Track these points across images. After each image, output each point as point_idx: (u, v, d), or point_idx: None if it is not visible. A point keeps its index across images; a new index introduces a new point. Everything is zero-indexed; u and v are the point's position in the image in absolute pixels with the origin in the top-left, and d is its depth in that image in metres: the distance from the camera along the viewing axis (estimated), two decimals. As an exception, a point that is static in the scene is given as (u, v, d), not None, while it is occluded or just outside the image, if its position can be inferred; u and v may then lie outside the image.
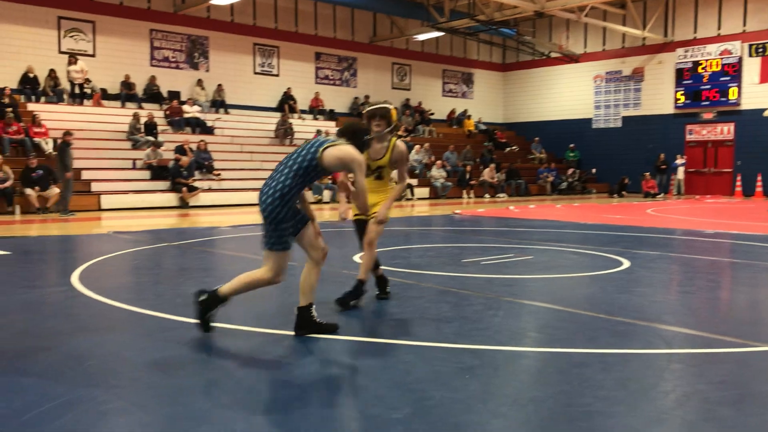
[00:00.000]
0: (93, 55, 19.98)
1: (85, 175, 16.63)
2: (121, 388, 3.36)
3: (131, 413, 3.03)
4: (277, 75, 24.04)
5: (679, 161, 25.14)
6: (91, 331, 4.49)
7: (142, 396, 3.27)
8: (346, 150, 4.10)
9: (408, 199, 21.19)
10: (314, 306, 4.31)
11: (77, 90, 19.13)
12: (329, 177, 19.78)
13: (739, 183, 24.27)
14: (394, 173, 5.35)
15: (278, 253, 4.14)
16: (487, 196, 23.43)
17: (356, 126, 4.37)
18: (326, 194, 19.71)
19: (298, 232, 4.22)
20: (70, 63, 18.79)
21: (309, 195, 19.36)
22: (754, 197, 23.34)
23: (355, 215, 5.35)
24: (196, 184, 17.51)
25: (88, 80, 19.31)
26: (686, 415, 3.04)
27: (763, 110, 23.48)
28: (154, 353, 3.96)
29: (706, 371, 3.65)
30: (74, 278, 6.32)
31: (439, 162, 23.27)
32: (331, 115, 24.94)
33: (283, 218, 4.06)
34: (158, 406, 3.12)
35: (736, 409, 3.06)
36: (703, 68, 24.97)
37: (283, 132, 22.01)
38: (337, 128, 4.78)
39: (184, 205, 16.84)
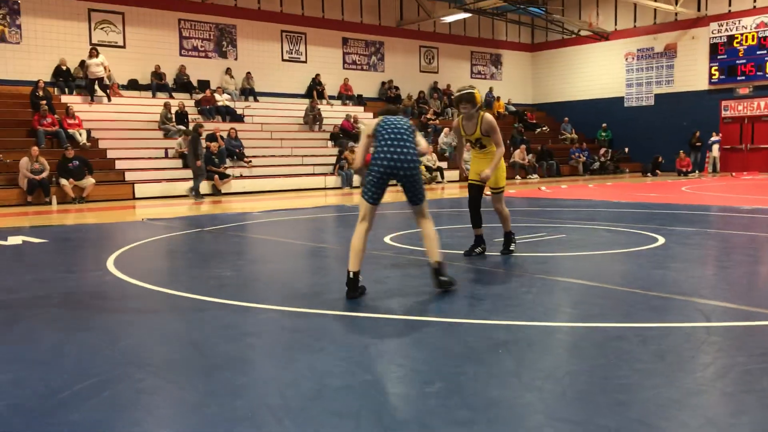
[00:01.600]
0: (123, 47, 20.19)
1: (119, 164, 16.88)
2: (156, 366, 3.40)
3: (167, 390, 3.07)
4: (305, 61, 24.05)
5: (714, 138, 24.60)
6: (126, 313, 4.56)
7: (178, 374, 3.31)
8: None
9: (438, 182, 21.10)
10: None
11: (97, 85, 18.62)
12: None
13: (778, 159, 23.67)
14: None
15: (426, 201, 5.02)
16: (518, 177, 23.22)
17: (397, 107, 5.28)
18: (356, 179, 19.72)
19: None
20: (91, 56, 18.36)
21: (338, 182, 19.39)
22: (793, 173, 22.77)
23: (469, 180, 6.63)
24: (228, 171, 17.64)
25: (109, 76, 19.02)
26: (726, 387, 2.97)
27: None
28: (189, 333, 4.01)
29: (746, 343, 3.57)
30: (110, 263, 6.42)
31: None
32: (359, 100, 24.90)
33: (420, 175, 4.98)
34: (193, 383, 3.15)
35: (779, 381, 2.98)
36: (738, 42, 24.34)
37: (312, 118, 22.04)
38: (373, 115, 5.65)
39: (216, 192, 16.99)
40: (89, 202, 14.98)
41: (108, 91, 18.96)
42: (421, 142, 5.04)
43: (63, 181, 14.79)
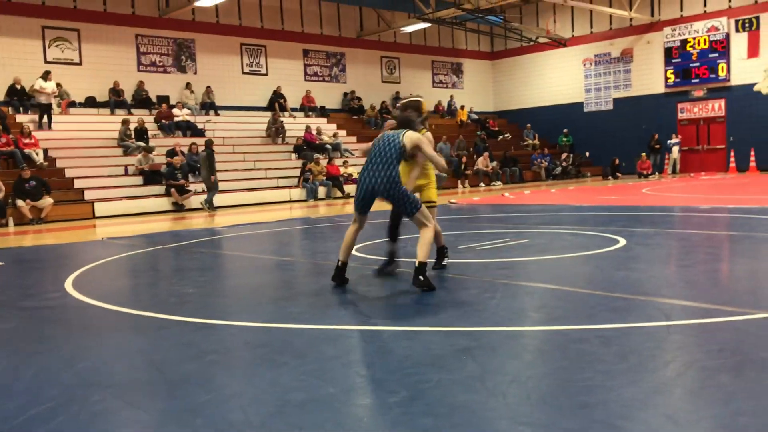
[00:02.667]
0: (80, 64, 19.88)
1: (78, 183, 16.58)
2: (116, 387, 3.32)
3: (126, 411, 2.99)
4: (265, 74, 23.96)
5: (673, 140, 25.13)
6: (84, 334, 4.45)
7: (137, 394, 3.23)
8: (415, 135, 5.36)
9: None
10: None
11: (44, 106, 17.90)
12: (324, 174, 19.75)
13: (733, 159, 24.26)
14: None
15: (420, 211, 5.23)
16: (482, 184, 23.39)
17: (407, 118, 5.53)
18: (321, 191, 19.66)
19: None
20: (45, 78, 17.74)
21: (303, 194, 19.32)
22: (748, 172, 23.34)
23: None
24: (190, 187, 17.44)
25: (60, 94, 18.47)
26: (686, 383, 3.01)
27: (753, 85, 23.51)
28: (150, 352, 3.92)
29: (705, 341, 3.62)
30: (68, 284, 6.27)
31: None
32: (322, 112, 24.88)
33: (404, 190, 5.22)
34: (153, 403, 3.08)
35: (736, 376, 3.03)
36: (691, 46, 24.93)
37: (275, 131, 21.95)
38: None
39: (178, 208, 16.78)
40: (48, 222, 14.67)
41: (58, 109, 18.43)
42: (427, 151, 5.28)
43: (20, 202, 14.46)
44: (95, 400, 3.10)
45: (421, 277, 5.06)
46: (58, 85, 18.53)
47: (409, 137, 5.31)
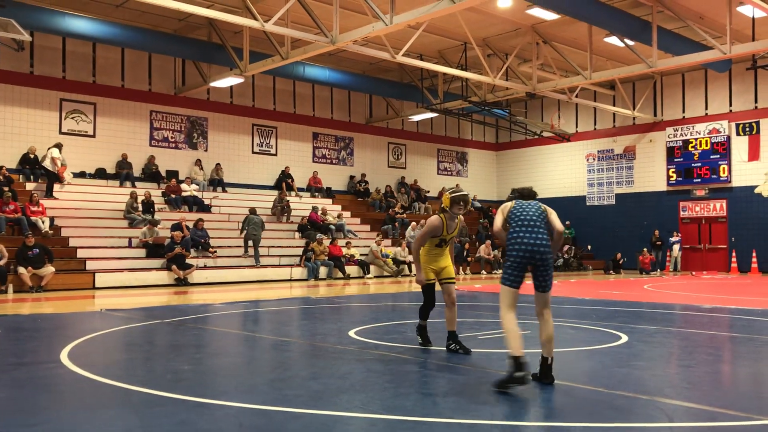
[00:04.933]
0: (93, 136, 20.31)
1: (81, 253, 16.60)
2: (105, 465, 3.24)
3: (114, 491, 2.91)
4: (275, 154, 24.40)
5: (674, 238, 25.25)
6: (77, 408, 4.37)
7: (127, 474, 3.15)
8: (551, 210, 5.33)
9: (405, 275, 21.12)
10: None
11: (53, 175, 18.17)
12: (326, 254, 19.77)
13: (734, 259, 24.29)
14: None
15: (550, 291, 5.29)
16: (483, 272, 23.36)
17: (526, 190, 5.44)
18: (322, 271, 19.65)
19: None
20: (59, 148, 18.16)
21: (304, 273, 19.29)
22: (750, 273, 23.31)
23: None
24: (192, 261, 17.46)
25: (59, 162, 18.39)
26: (690, 490, 2.93)
27: (754, 187, 23.83)
28: (143, 430, 3.85)
29: (709, 445, 3.55)
30: (63, 355, 6.21)
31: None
32: (328, 193, 25.17)
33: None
34: (143, 484, 3.00)
35: (742, 484, 2.95)
36: (693, 146, 25.42)
37: (280, 209, 22.15)
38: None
39: (180, 283, 16.73)
40: (48, 291, 14.61)
41: (58, 179, 18.53)
42: (556, 223, 5.24)
43: (21, 270, 14.45)
44: (84, 478, 3.02)
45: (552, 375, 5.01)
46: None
47: (549, 210, 5.28)
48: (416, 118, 26.85)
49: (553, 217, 5.24)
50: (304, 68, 21.90)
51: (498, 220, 5.34)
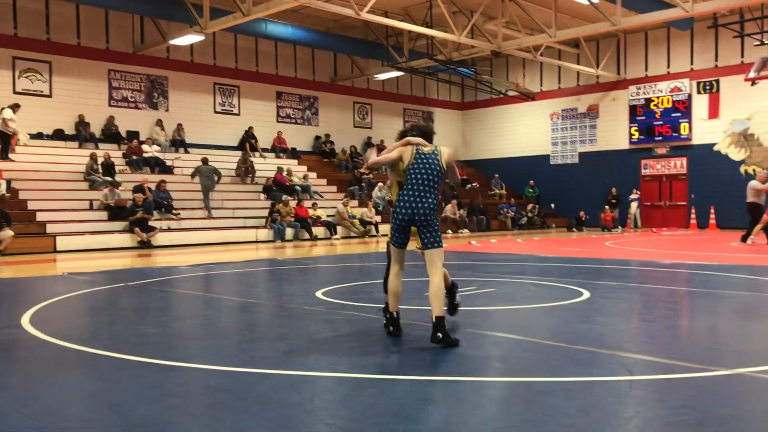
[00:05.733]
0: (49, 96, 19.73)
1: (40, 216, 16.27)
2: (70, 430, 3.22)
3: (80, 456, 2.90)
4: (238, 114, 24.03)
5: (633, 195, 25.71)
6: (40, 373, 4.32)
7: (93, 438, 3.14)
8: (445, 149, 5.07)
9: (372, 236, 21.18)
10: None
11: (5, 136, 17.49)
12: (292, 216, 19.68)
13: (693, 216, 24.85)
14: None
15: (440, 249, 4.95)
16: (449, 231, 23.54)
17: (428, 128, 5.25)
18: (289, 232, 19.59)
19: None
20: (12, 109, 17.42)
21: (270, 235, 19.23)
22: (708, 229, 23.90)
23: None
24: (155, 224, 17.24)
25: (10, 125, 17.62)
26: (649, 440, 3.03)
27: (714, 144, 24.27)
28: (108, 394, 3.82)
29: (666, 396, 3.66)
30: (25, 320, 6.11)
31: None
32: (293, 154, 24.96)
33: (437, 219, 4.99)
34: (109, 448, 2.99)
35: (698, 433, 3.06)
36: (655, 105, 25.71)
37: (245, 170, 21.92)
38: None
39: (143, 245, 16.53)
40: (6, 255, 14.32)
41: (10, 144, 17.89)
42: (453, 173, 5.12)
43: (-21, 233, 14.13)
44: (49, 443, 3.00)
45: (440, 334, 4.69)
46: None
47: (444, 153, 5.00)
48: (382, 76, 26.62)
49: (448, 159, 4.98)
50: (267, 25, 21.47)
51: (392, 156, 5.03)
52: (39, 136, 19.27)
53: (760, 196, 15.39)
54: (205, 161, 19.63)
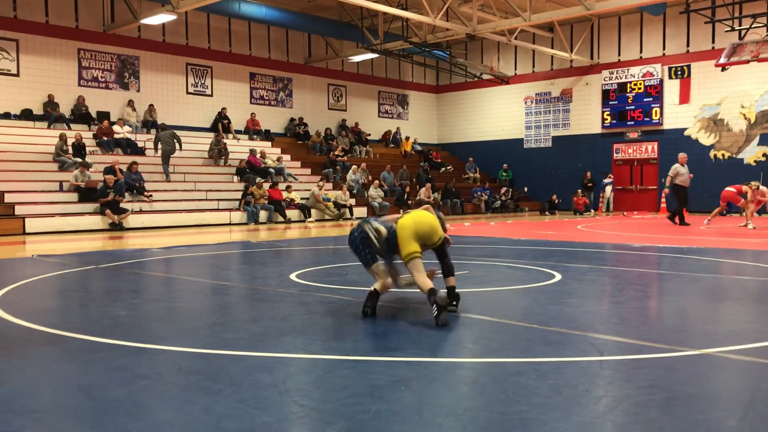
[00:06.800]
0: (17, 75, 19.31)
1: (8, 198, 15.98)
2: (39, 413, 3.18)
3: (50, 438, 2.87)
4: (210, 95, 23.76)
5: (607, 180, 25.97)
6: (8, 356, 4.26)
7: (63, 420, 3.11)
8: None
9: (347, 219, 21.16)
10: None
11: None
12: (266, 198, 19.57)
13: (663, 199, 25.19)
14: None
15: (375, 264, 5.47)
16: (423, 215, 23.57)
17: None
18: (262, 215, 19.49)
19: None
20: None
21: (243, 217, 19.10)
22: (678, 213, 24.22)
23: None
24: (127, 206, 17.03)
25: None
26: (617, 418, 3.08)
27: (684, 129, 24.57)
28: (79, 376, 3.78)
29: (635, 376, 3.72)
30: (-7, 303, 6.01)
31: (376, 182, 23.38)
32: (267, 136, 24.77)
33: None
34: (81, 430, 2.97)
35: (664, 411, 3.12)
36: (627, 90, 25.94)
37: (218, 152, 21.72)
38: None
39: (115, 228, 16.33)
40: None
41: None
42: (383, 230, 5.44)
43: (-56, 215, 13.84)
44: (18, 425, 2.97)
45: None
46: None
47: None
48: (356, 58, 26.47)
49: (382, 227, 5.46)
50: (240, 5, 21.21)
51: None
52: (6, 116, 18.88)
53: (683, 178, 16.92)
54: (163, 126, 19.74)
